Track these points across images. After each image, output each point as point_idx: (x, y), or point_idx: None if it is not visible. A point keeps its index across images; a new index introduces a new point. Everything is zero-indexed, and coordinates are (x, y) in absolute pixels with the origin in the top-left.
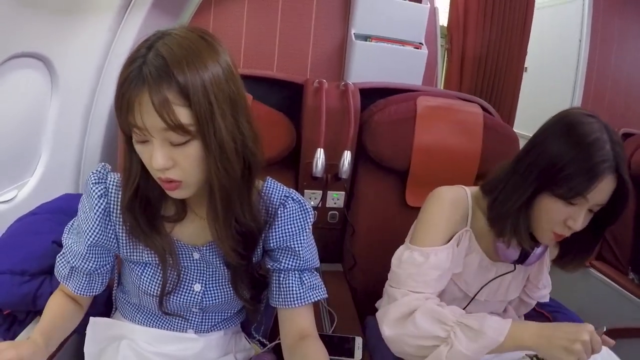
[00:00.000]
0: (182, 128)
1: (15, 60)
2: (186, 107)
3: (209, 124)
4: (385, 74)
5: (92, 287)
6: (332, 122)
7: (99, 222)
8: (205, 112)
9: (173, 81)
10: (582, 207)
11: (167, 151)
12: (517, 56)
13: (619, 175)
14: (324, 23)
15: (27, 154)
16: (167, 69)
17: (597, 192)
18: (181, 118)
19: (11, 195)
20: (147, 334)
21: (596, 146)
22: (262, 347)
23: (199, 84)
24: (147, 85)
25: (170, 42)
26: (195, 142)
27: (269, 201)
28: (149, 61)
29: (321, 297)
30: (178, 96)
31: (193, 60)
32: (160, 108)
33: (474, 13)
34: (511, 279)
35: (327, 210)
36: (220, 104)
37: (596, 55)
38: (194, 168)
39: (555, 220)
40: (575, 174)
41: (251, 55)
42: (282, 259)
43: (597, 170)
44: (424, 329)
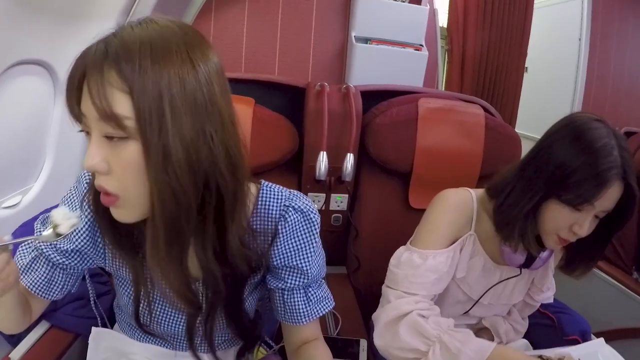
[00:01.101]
0: (115, 119)
1: (18, 67)
2: (126, 93)
3: (153, 121)
4: (386, 76)
5: (49, 288)
6: (335, 125)
7: (88, 228)
8: (150, 106)
9: (117, 61)
10: (589, 213)
11: (103, 151)
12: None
13: (626, 182)
14: (324, 26)
15: (31, 160)
16: (116, 49)
17: (604, 199)
18: (117, 107)
19: (15, 201)
20: (148, 351)
21: (604, 152)
22: (268, 349)
23: (149, 74)
24: (85, 64)
25: (137, 26)
26: (133, 144)
27: (268, 214)
28: (104, 40)
29: (328, 309)
30: (118, 78)
31: (152, 47)
32: (93, 88)
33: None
34: (515, 282)
35: (330, 213)
36: (176, 103)
37: (596, 54)
38: (131, 179)
39: (561, 226)
40: (582, 181)
41: (252, 59)
42: (287, 278)
43: (604, 177)
44: (406, 342)
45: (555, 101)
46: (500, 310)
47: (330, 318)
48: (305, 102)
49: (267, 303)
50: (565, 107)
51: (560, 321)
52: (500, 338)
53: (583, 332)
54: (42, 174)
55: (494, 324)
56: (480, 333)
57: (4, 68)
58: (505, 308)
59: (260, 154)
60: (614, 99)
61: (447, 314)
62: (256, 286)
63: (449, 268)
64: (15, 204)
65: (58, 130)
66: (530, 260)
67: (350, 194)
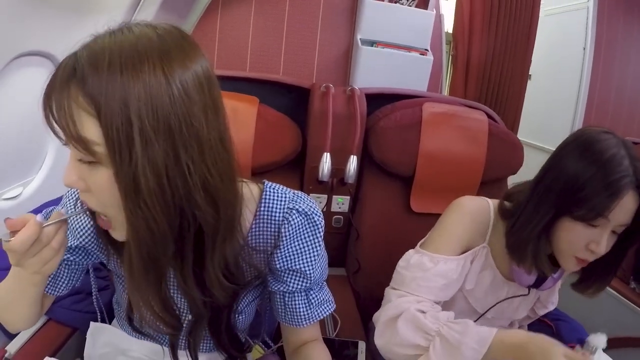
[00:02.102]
0: (83, 143)
1: (23, 59)
2: (94, 117)
3: (123, 149)
4: (390, 79)
5: (55, 284)
6: (339, 126)
7: (92, 223)
8: (118, 132)
9: (83, 82)
10: (605, 229)
11: (78, 168)
12: (522, 63)
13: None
14: (330, 28)
15: (33, 152)
16: (83, 67)
17: (619, 211)
18: (84, 130)
19: (16, 193)
20: (145, 348)
21: (614, 162)
22: (266, 349)
23: (117, 95)
24: (53, 84)
25: (111, 37)
26: (103, 169)
27: (271, 217)
28: (75, 54)
29: (329, 311)
30: (85, 102)
31: (121, 63)
32: (58, 111)
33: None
34: (522, 299)
35: (331, 215)
36: (146, 128)
37: (600, 64)
38: (107, 200)
39: (577, 246)
40: (594, 193)
41: (257, 58)
42: (288, 281)
43: (616, 187)
44: (405, 338)
45: (558, 109)
46: (502, 324)
47: (329, 320)
48: (310, 102)
49: (267, 303)
50: (567, 115)
51: (558, 329)
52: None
53: (581, 340)
54: (44, 166)
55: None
56: None
57: (9, 59)
58: (507, 322)
59: (263, 153)
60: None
61: None
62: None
63: (459, 276)
64: (16, 196)
65: None
66: (540, 280)
67: (352, 196)
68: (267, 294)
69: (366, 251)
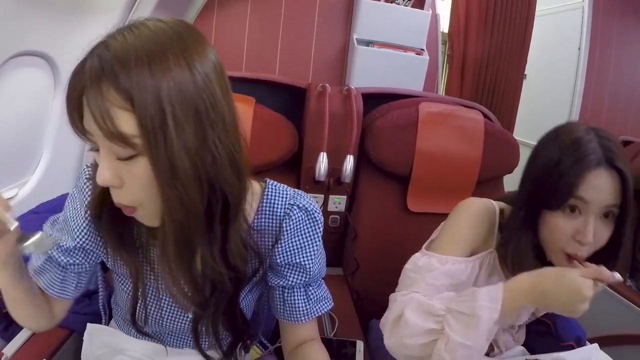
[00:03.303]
0: (122, 138)
1: (19, 59)
2: (129, 111)
3: (158, 136)
4: (386, 79)
5: (64, 288)
6: (335, 126)
7: (88, 223)
8: (153, 120)
9: (114, 79)
10: (587, 215)
11: (113, 165)
12: (517, 63)
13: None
14: (326, 27)
15: (29, 153)
16: (112, 65)
17: (592, 189)
18: (122, 125)
19: (12, 194)
20: (143, 347)
21: (580, 143)
22: (263, 350)
23: (149, 87)
24: (83, 83)
25: (130, 35)
26: (142, 159)
27: (273, 212)
28: (97, 54)
29: (328, 308)
30: (120, 98)
31: (148, 58)
32: (96, 111)
33: (475, 20)
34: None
35: (328, 214)
36: (178, 114)
37: (595, 63)
38: (145, 192)
39: (562, 239)
40: (562, 175)
41: (253, 59)
42: (288, 276)
43: (581, 163)
44: (416, 326)
45: (553, 108)
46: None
47: (326, 319)
48: (306, 102)
49: (264, 302)
50: (563, 114)
51: (556, 327)
52: (500, 349)
53: (578, 338)
54: (39, 167)
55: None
56: None
57: (5, 59)
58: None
59: (259, 153)
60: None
61: None
62: (255, 284)
63: (467, 279)
64: (12, 197)
65: (57, 124)
66: None
67: (348, 195)
68: (265, 294)
69: (363, 250)
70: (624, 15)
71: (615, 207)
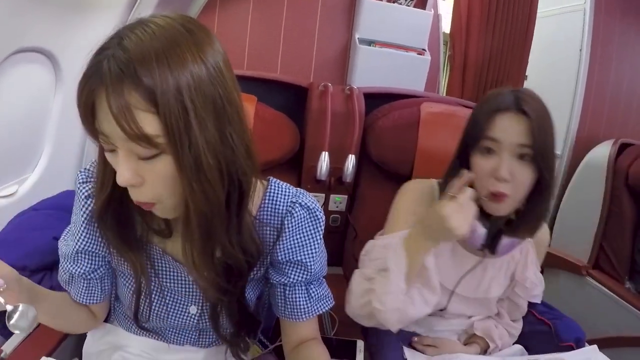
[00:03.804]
0: (146, 139)
1: (20, 55)
2: (152, 113)
3: (182, 135)
4: (388, 79)
5: (91, 295)
6: (337, 125)
7: (86, 226)
8: (177, 121)
9: (136, 82)
10: (502, 153)
11: (133, 165)
12: (519, 64)
13: (525, 113)
14: (328, 27)
15: (29, 149)
16: (131, 67)
17: (500, 130)
18: (145, 127)
19: (12, 190)
20: (143, 344)
21: (495, 94)
22: (263, 348)
23: (170, 86)
24: (104, 86)
25: (143, 33)
26: (165, 157)
27: (275, 209)
28: (112, 55)
29: (328, 307)
30: (142, 100)
31: (167, 57)
32: (119, 114)
33: (476, 20)
34: (492, 274)
35: (329, 214)
36: (199, 112)
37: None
38: (166, 188)
39: (483, 178)
40: (477, 121)
41: (255, 57)
42: (289, 273)
43: (492, 108)
44: (356, 290)
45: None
46: (482, 308)
47: (327, 319)
48: (308, 101)
49: (264, 301)
50: (563, 115)
51: (556, 327)
52: (495, 343)
53: (578, 340)
54: (40, 164)
55: (486, 330)
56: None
57: (5, 55)
58: (487, 305)
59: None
60: (612, 108)
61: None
62: (257, 281)
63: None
64: (12, 194)
65: (57, 120)
66: (493, 244)
67: (349, 195)
68: (265, 293)
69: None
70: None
71: (527, 148)
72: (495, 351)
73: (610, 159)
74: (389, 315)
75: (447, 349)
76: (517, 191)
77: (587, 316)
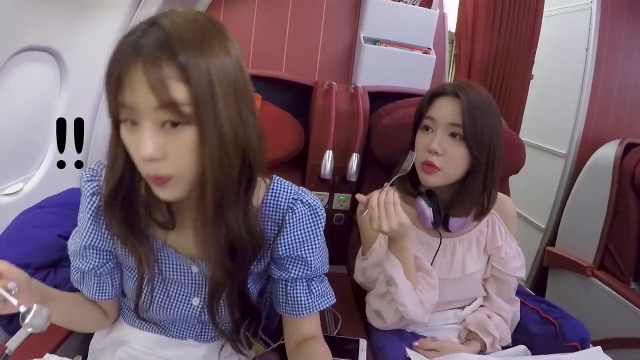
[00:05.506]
0: (176, 107)
1: (25, 54)
2: (184, 83)
3: (208, 107)
4: (393, 78)
5: (102, 291)
6: (341, 124)
7: (92, 222)
8: (204, 94)
9: (172, 57)
10: (436, 130)
11: (157, 138)
12: (525, 64)
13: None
14: (333, 25)
15: (35, 147)
16: (168, 43)
17: (436, 109)
18: (177, 95)
19: (17, 188)
20: (146, 339)
21: (442, 84)
22: (265, 347)
23: (201, 64)
24: (142, 58)
25: (177, 18)
26: (190, 128)
27: (277, 205)
28: (148, 34)
29: (330, 304)
30: (176, 72)
31: (198, 40)
32: (155, 82)
33: (482, 19)
34: (463, 251)
35: (333, 212)
36: (224, 89)
37: (602, 65)
38: (186, 160)
39: (421, 151)
40: (422, 104)
41: (260, 56)
42: (290, 268)
43: (434, 92)
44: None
45: (559, 110)
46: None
47: (329, 317)
48: (313, 100)
49: (266, 298)
50: (569, 115)
51: (561, 327)
52: (492, 335)
53: (583, 340)
54: (45, 162)
55: (479, 323)
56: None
57: (11, 54)
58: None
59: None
60: (618, 109)
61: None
62: (258, 276)
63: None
64: (17, 191)
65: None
66: (445, 222)
67: (353, 193)
68: (267, 291)
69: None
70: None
71: (458, 127)
72: (495, 342)
73: (616, 159)
74: (413, 311)
75: (448, 351)
76: (447, 165)
77: (591, 317)
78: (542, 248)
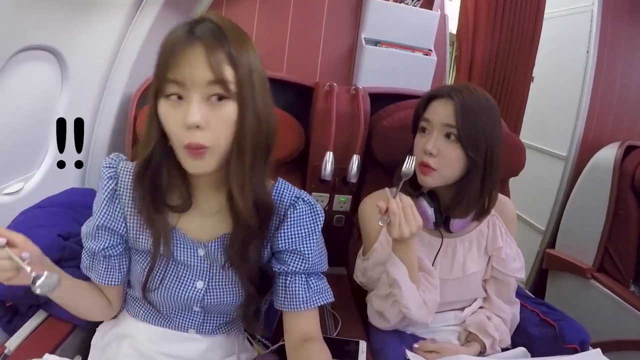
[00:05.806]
0: (226, 83)
1: (26, 53)
2: (232, 67)
3: (247, 88)
4: (393, 79)
5: (110, 275)
6: (342, 125)
7: (106, 203)
8: (246, 79)
9: (226, 45)
10: (432, 132)
11: (203, 109)
12: (525, 65)
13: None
14: (334, 26)
15: (35, 147)
16: (222, 34)
17: (432, 112)
18: (227, 74)
19: (17, 188)
20: (149, 332)
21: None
22: (265, 349)
23: (244, 56)
24: (201, 42)
25: (220, 18)
26: (231, 104)
27: (280, 201)
28: (202, 25)
29: (327, 300)
30: (226, 57)
31: (240, 37)
32: (213, 61)
33: (483, 21)
34: (464, 252)
35: (333, 214)
36: (258, 78)
37: (603, 67)
38: (224, 132)
39: (419, 153)
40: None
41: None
42: (289, 262)
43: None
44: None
45: (560, 112)
46: (469, 290)
47: (329, 318)
48: (314, 101)
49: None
50: (570, 117)
51: (561, 329)
52: (492, 336)
53: (583, 342)
54: (45, 161)
55: (479, 325)
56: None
57: (12, 53)
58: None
59: None
60: (618, 112)
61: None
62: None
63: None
64: (17, 191)
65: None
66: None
67: (354, 195)
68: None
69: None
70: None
71: (452, 128)
72: (494, 344)
73: (617, 161)
74: (417, 312)
75: (448, 353)
76: (442, 166)
77: (591, 319)
78: (541, 250)
